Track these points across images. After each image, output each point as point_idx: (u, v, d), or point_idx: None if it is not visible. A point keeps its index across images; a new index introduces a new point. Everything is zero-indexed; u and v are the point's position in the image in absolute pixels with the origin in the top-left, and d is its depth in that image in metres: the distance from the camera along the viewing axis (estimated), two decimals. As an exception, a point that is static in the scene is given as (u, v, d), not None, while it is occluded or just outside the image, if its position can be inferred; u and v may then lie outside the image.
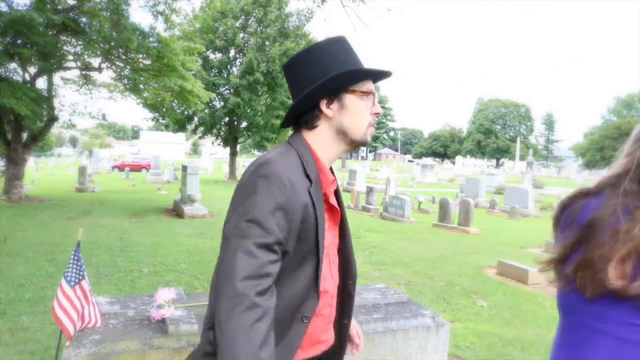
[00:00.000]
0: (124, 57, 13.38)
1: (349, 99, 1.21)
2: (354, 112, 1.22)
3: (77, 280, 2.44)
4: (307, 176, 1.17)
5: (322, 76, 1.18)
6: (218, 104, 24.38)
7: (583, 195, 0.96)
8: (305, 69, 1.23)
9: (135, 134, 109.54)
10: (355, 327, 1.47)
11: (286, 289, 1.14)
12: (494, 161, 76.04)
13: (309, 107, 1.23)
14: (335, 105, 1.21)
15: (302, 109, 1.24)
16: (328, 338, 1.29)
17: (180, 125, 24.15)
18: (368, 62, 1.26)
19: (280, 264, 1.09)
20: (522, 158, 53.74)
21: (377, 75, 1.26)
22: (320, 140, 1.24)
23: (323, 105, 1.21)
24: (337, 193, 1.33)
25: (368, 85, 1.24)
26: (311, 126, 1.24)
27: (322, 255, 1.16)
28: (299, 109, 1.24)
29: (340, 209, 1.34)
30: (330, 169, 1.32)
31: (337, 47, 1.23)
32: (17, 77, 13.12)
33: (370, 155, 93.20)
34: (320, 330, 1.24)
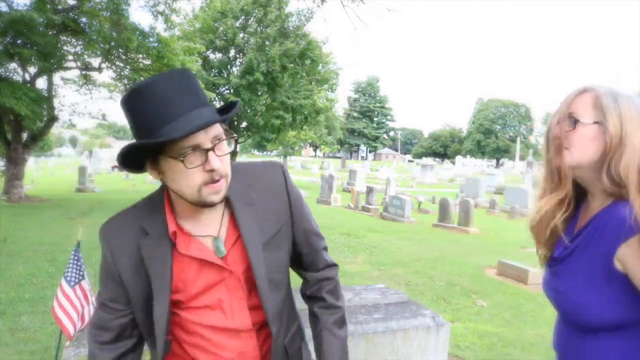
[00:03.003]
0: (124, 57, 13.40)
1: (166, 162, 1.03)
2: (173, 177, 1.04)
3: (77, 280, 2.44)
4: (143, 229, 1.11)
5: (137, 135, 1.04)
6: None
7: None
8: (128, 118, 1.05)
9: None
10: None
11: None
12: (494, 161, 76.07)
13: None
14: (155, 170, 1.07)
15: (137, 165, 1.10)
16: None
17: (180, 125, 24.13)
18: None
19: (124, 318, 1.17)
20: (522, 158, 53.65)
21: (185, 135, 0.99)
22: (172, 193, 1.12)
23: (148, 168, 1.08)
24: (242, 241, 1.15)
25: (186, 143, 0.99)
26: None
27: (158, 312, 1.11)
28: (133, 165, 1.10)
29: (246, 252, 1.15)
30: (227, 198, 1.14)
31: (152, 96, 1.00)
32: (17, 77, 13.13)
33: (370, 155, 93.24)
34: None
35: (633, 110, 1.09)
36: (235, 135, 1.12)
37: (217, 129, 1.04)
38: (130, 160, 1.07)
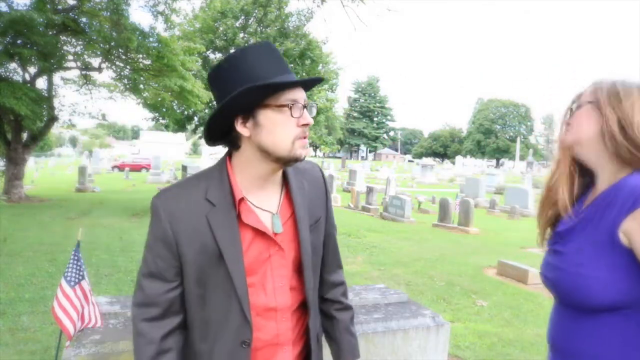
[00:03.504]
0: (124, 57, 13.39)
1: (264, 114, 1.09)
2: (271, 128, 1.10)
3: (77, 280, 2.44)
4: (208, 200, 1.13)
5: (231, 93, 1.08)
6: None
7: None
8: (219, 83, 1.14)
9: (135, 134, 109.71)
10: None
11: (216, 313, 1.14)
12: (494, 161, 76.09)
13: (226, 128, 1.14)
14: (250, 123, 1.11)
15: (219, 128, 1.15)
16: (282, 358, 1.22)
17: (180, 125, 24.16)
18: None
19: (173, 292, 1.15)
20: (522, 158, 53.72)
21: (290, 86, 1.10)
22: (246, 159, 1.16)
23: (238, 125, 1.11)
24: (294, 219, 1.22)
25: (286, 96, 1.10)
26: (235, 146, 1.17)
27: (237, 279, 1.12)
28: (215, 130, 1.16)
29: (297, 230, 1.22)
30: (285, 178, 1.24)
31: (252, 56, 1.11)
32: (17, 77, 13.12)
33: (370, 155, 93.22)
34: (266, 356, 1.20)
35: (633, 87, 1.12)
36: (316, 103, 1.18)
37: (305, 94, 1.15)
38: (226, 113, 1.11)
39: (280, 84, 1.08)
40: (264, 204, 1.19)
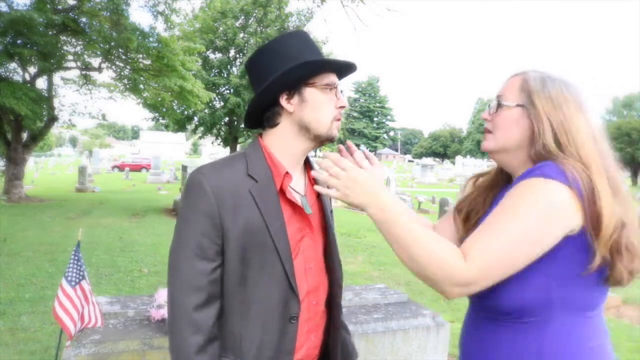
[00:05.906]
0: (124, 57, 13.40)
1: (310, 92, 1.16)
2: (315, 105, 1.16)
3: (77, 280, 2.44)
4: (250, 176, 1.14)
5: (279, 70, 1.14)
6: (218, 104, 24.38)
7: None
8: (263, 64, 1.19)
9: (135, 134, 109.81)
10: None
11: (259, 291, 1.12)
12: (493, 161, 76.04)
13: (269, 103, 1.18)
14: (295, 100, 1.16)
15: (263, 104, 1.19)
16: (308, 347, 1.21)
17: (180, 125, 24.15)
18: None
19: (214, 273, 1.10)
20: (522, 158, 53.61)
21: (336, 67, 1.20)
22: (282, 136, 1.19)
23: (283, 100, 1.16)
24: (320, 203, 1.28)
25: (329, 79, 1.18)
26: (273, 123, 1.20)
27: (283, 252, 1.12)
28: (259, 104, 1.19)
29: (323, 211, 1.28)
30: (308, 163, 1.29)
31: (295, 40, 1.19)
32: (17, 77, 13.13)
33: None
34: (299, 341, 1.18)
35: (565, 93, 1.06)
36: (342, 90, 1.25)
37: None
38: (274, 88, 1.15)
39: (335, 62, 1.18)
40: (294, 185, 1.22)
